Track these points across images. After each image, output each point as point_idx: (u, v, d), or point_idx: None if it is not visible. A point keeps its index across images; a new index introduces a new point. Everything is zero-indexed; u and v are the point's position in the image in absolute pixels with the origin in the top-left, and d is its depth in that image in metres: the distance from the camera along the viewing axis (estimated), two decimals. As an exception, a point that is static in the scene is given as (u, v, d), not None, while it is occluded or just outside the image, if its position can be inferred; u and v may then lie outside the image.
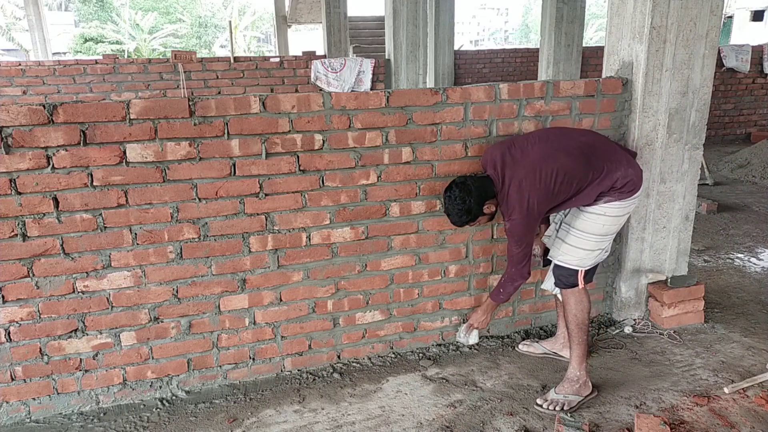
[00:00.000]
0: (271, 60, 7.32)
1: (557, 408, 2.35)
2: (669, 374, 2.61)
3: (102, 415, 2.43)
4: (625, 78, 2.87)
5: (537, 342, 2.85)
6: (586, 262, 2.42)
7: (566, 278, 2.46)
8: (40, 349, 2.34)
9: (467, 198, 2.35)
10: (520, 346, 2.86)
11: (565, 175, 2.24)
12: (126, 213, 2.29)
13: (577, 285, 2.44)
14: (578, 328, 2.45)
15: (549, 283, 2.62)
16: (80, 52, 28.32)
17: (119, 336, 2.42)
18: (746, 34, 22.56)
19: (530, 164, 2.28)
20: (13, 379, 2.34)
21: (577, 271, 2.43)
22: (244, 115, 2.34)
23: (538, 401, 2.40)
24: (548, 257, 2.57)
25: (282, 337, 2.66)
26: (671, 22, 2.73)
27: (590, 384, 2.45)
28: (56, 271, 2.27)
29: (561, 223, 2.53)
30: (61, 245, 2.25)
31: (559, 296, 2.60)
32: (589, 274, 2.48)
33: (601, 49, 9.09)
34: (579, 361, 2.45)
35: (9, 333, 2.29)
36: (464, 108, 2.63)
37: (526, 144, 2.38)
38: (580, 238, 2.39)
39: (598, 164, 2.29)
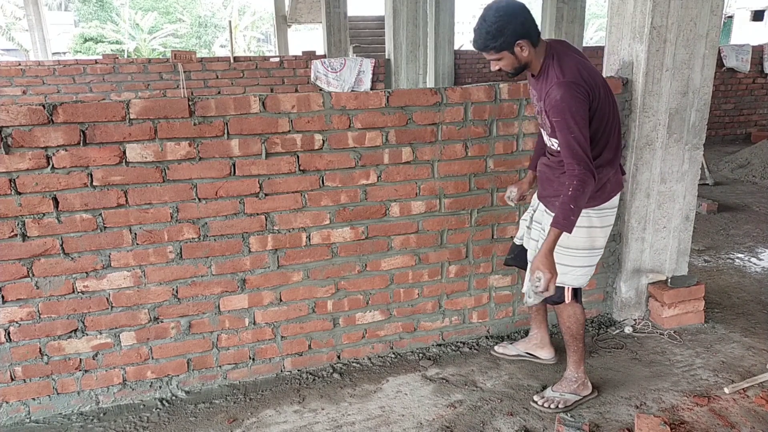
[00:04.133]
0: (271, 60, 7.32)
1: (552, 406, 2.34)
2: (669, 374, 2.61)
3: (102, 415, 2.43)
4: (625, 78, 2.86)
5: (511, 344, 2.81)
6: (560, 278, 2.16)
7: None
8: (40, 349, 2.34)
9: (508, 18, 1.97)
10: (496, 348, 2.82)
11: (611, 97, 2.13)
12: (126, 213, 2.29)
13: (563, 301, 2.31)
14: (572, 338, 2.40)
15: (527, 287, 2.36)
16: (80, 52, 28.30)
17: (119, 336, 2.42)
18: (746, 33, 22.55)
19: (591, 64, 2.13)
20: (12, 379, 2.33)
21: (561, 288, 2.28)
22: (243, 115, 2.33)
23: (535, 398, 2.41)
24: (519, 259, 2.46)
25: (282, 337, 2.66)
26: (671, 22, 2.73)
27: (590, 385, 2.44)
28: (56, 271, 2.27)
29: (531, 221, 2.41)
30: (61, 245, 2.24)
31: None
32: (578, 290, 2.34)
33: (601, 48, 9.09)
34: (576, 365, 2.43)
35: (9, 333, 2.29)
36: (464, 108, 2.63)
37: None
38: (555, 252, 2.19)
39: (617, 143, 2.20)
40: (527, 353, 2.74)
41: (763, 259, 4.03)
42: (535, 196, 2.47)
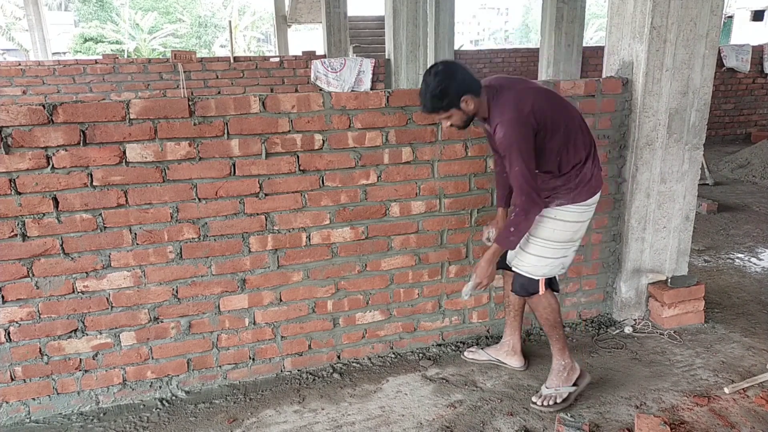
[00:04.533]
0: (271, 60, 7.32)
1: (551, 403, 2.36)
2: (669, 374, 2.61)
3: (102, 415, 2.43)
4: (625, 78, 2.86)
5: (482, 349, 2.80)
6: (540, 270, 2.31)
7: (527, 286, 2.36)
8: (40, 349, 2.34)
9: (448, 80, 2.09)
10: (465, 354, 2.81)
11: (562, 110, 2.19)
12: (126, 213, 2.29)
13: (537, 292, 2.35)
14: (552, 327, 2.41)
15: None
16: (80, 52, 28.30)
17: (119, 336, 2.42)
18: (746, 33, 22.55)
19: (534, 85, 2.24)
20: (12, 379, 2.34)
21: (537, 280, 2.33)
22: (243, 114, 2.33)
23: (533, 399, 2.42)
24: (506, 262, 2.48)
25: (282, 337, 2.66)
26: (671, 22, 2.73)
27: (577, 367, 2.45)
28: (56, 271, 2.27)
29: None
30: (61, 245, 2.24)
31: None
32: (552, 283, 2.39)
33: (601, 48, 9.09)
34: (560, 352, 2.44)
35: (9, 333, 2.29)
36: (464, 108, 2.63)
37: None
38: (534, 244, 2.30)
39: (589, 139, 2.26)
40: (497, 359, 2.73)
41: (763, 259, 4.03)
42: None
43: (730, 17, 23.57)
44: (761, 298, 3.39)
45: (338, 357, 2.79)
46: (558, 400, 2.36)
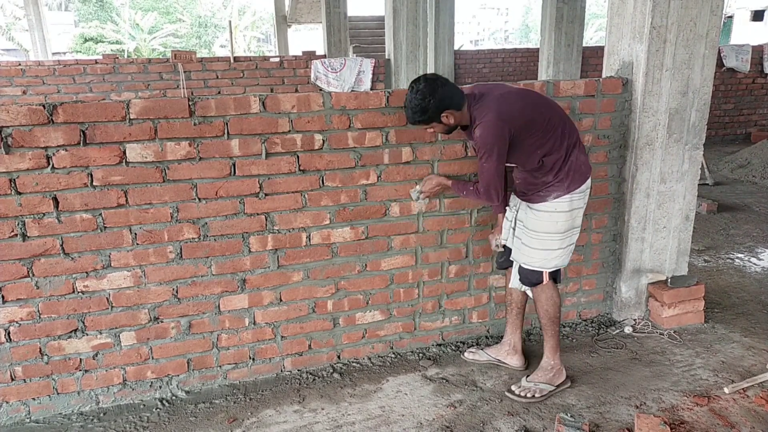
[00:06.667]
0: (271, 60, 7.32)
1: (528, 395, 2.41)
2: (669, 374, 2.61)
3: (102, 415, 2.43)
4: (625, 78, 2.87)
5: (482, 349, 2.80)
6: (549, 263, 2.40)
7: (531, 276, 2.45)
8: (40, 349, 2.34)
9: (428, 97, 2.20)
10: (465, 354, 2.81)
11: (542, 108, 2.26)
12: (126, 213, 2.29)
13: (542, 282, 2.44)
14: (550, 321, 2.46)
15: (516, 282, 2.58)
16: (80, 52, 28.30)
17: (119, 336, 2.42)
18: (746, 33, 22.55)
19: (514, 89, 2.34)
20: (13, 379, 2.34)
21: (541, 271, 2.43)
22: (244, 115, 2.34)
23: (512, 387, 2.47)
24: (510, 258, 2.56)
25: (282, 337, 2.66)
26: (671, 22, 2.73)
27: (564, 373, 2.49)
28: (56, 271, 2.27)
29: (515, 221, 2.50)
30: (61, 245, 2.25)
31: (528, 293, 2.57)
32: (556, 273, 2.47)
33: (601, 48, 9.09)
34: (552, 351, 2.49)
35: (9, 333, 2.29)
36: (464, 108, 2.63)
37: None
38: (538, 239, 2.37)
39: (571, 129, 2.33)
40: (497, 359, 2.73)
41: (763, 259, 4.03)
42: (513, 196, 2.53)
43: (730, 17, 23.58)
44: (761, 298, 3.39)
45: (338, 357, 2.79)
46: (537, 395, 2.40)
